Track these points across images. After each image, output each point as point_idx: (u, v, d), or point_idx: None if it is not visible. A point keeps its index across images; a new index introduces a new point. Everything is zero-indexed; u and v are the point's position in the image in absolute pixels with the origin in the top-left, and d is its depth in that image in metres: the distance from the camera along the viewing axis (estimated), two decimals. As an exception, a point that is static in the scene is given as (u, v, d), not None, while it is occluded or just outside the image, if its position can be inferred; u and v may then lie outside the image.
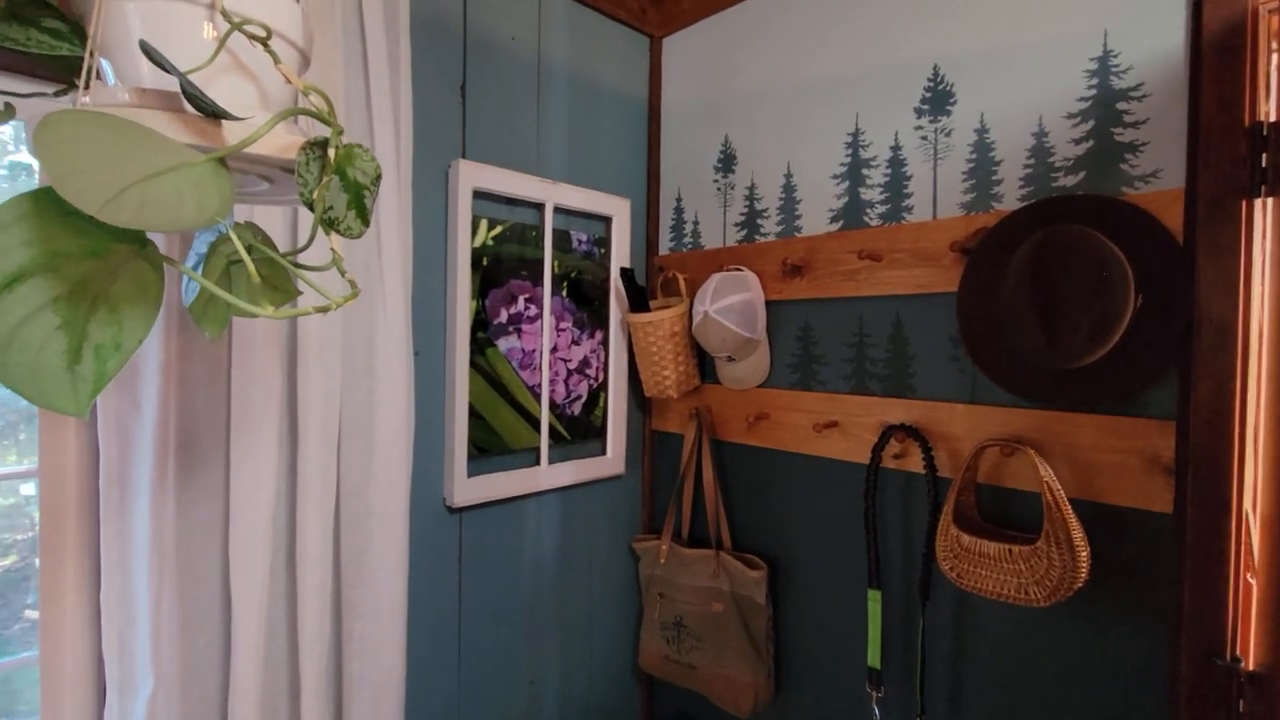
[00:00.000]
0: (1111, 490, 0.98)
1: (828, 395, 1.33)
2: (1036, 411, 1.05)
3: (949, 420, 1.15)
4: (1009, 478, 1.08)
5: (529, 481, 1.42)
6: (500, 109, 1.36)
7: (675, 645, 1.50)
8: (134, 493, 0.91)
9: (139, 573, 0.91)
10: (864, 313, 1.29)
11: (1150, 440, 0.94)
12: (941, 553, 1.07)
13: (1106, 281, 0.90)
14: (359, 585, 1.09)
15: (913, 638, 1.21)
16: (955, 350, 1.16)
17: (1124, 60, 0.97)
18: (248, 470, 0.96)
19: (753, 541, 1.48)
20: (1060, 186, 1.04)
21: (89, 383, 0.41)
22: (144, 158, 0.40)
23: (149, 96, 0.47)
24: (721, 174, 1.55)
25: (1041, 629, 1.06)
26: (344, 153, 0.52)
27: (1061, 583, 0.94)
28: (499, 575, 1.39)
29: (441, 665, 1.30)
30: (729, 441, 1.52)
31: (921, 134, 1.20)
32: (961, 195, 1.15)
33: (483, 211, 1.33)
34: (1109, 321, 0.91)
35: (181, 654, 0.94)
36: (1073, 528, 0.95)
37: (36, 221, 0.38)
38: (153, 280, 0.44)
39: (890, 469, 1.23)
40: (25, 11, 0.51)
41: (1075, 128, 1.02)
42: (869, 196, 1.28)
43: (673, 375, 1.50)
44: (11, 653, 1.06)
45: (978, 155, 1.13)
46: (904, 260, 1.21)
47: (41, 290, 0.38)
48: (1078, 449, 1.01)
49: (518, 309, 1.39)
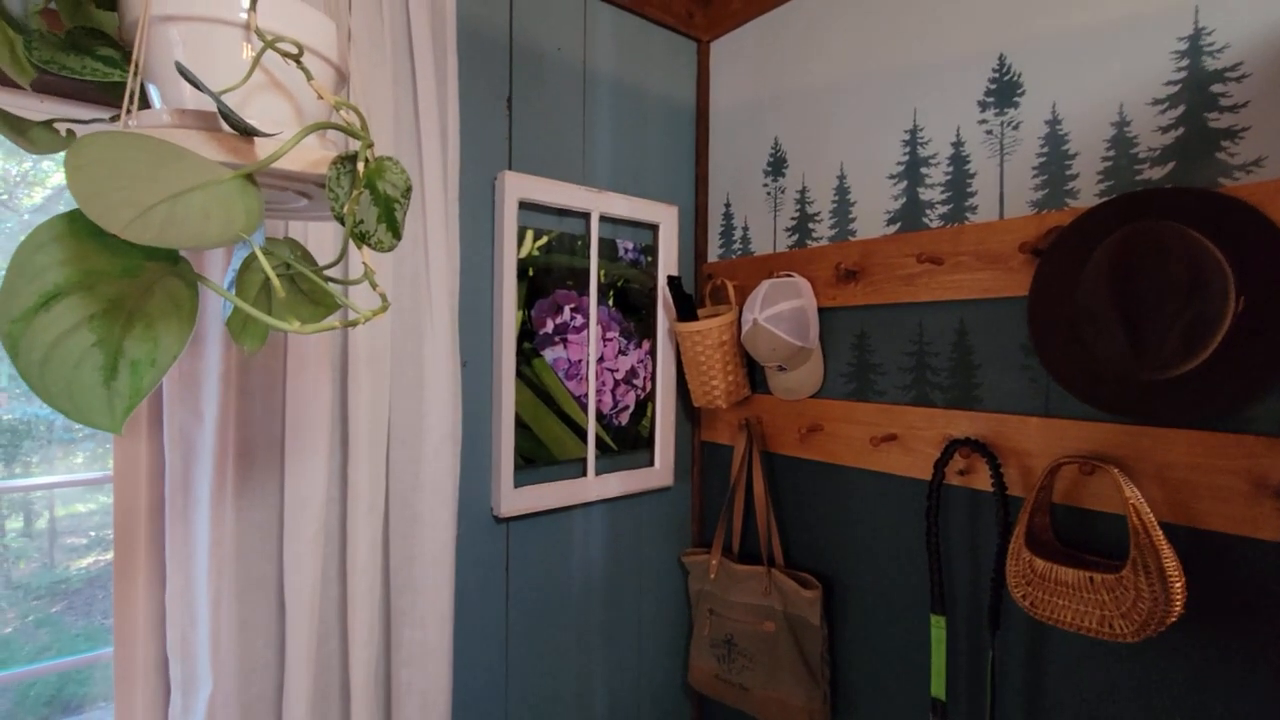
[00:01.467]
0: (1210, 515, 0.88)
1: (886, 407, 1.26)
2: (1120, 426, 0.96)
3: (1020, 434, 1.07)
4: (1089, 498, 0.99)
5: (576, 492, 1.40)
6: (546, 119, 1.36)
7: (726, 664, 1.46)
8: (196, 499, 0.94)
9: (200, 576, 0.94)
10: (924, 319, 1.21)
11: (1256, 459, 0.84)
12: (1013, 578, 0.99)
13: (1201, 283, 0.81)
14: (407, 592, 1.10)
15: (981, 669, 1.12)
16: (1027, 359, 1.08)
17: (1219, 38, 0.88)
18: (301, 478, 0.99)
19: (806, 559, 1.42)
20: (1145, 180, 0.95)
21: (124, 398, 0.42)
22: (172, 176, 0.40)
23: (188, 117, 0.48)
24: (771, 178, 1.50)
25: (1128, 667, 0.96)
26: (374, 166, 0.52)
27: (1152, 616, 0.85)
28: (546, 586, 1.38)
29: (488, 675, 1.30)
30: (781, 454, 1.47)
31: (986, 128, 1.13)
32: (1031, 193, 1.07)
33: (529, 222, 1.33)
34: (1205, 327, 0.82)
35: (239, 656, 0.97)
36: (1164, 555, 0.85)
37: (71, 241, 0.39)
38: (186, 296, 0.44)
39: (955, 486, 1.16)
40: (82, 41, 0.53)
41: (1162, 114, 0.93)
42: (928, 196, 1.21)
43: (721, 385, 1.46)
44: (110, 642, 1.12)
45: (1049, 149, 1.05)
46: (968, 263, 1.14)
47: (77, 308, 0.39)
48: (1169, 468, 0.92)
49: (564, 319, 1.38)
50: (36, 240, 0.37)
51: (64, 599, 1.62)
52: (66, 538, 1.69)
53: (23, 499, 1.66)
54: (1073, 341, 0.96)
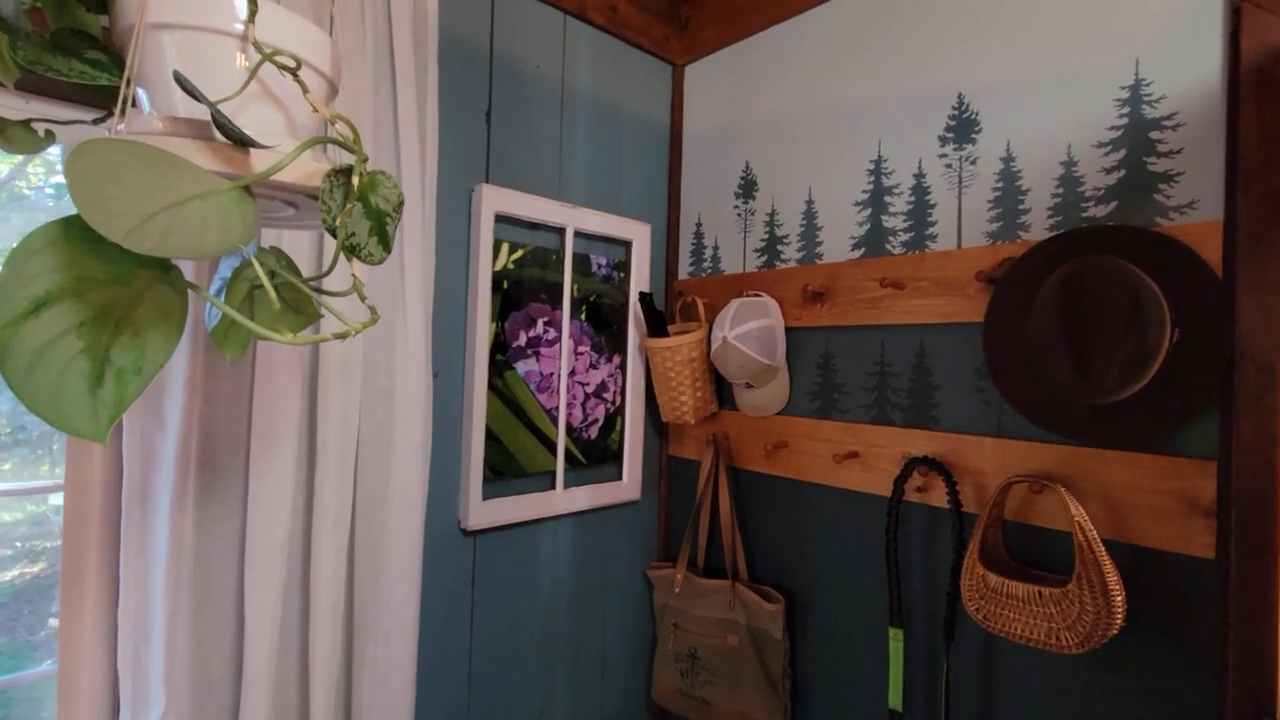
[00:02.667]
0: (1147, 532, 0.94)
1: (848, 425, 1.30)
2: (1067, 447, 1.02)
3: (975, 454, 1.12)
4: (1038, 516, 1.05)
5: (544, 505, 1.40)
6: (523, 134, 1.38)
7: (689, 679, 1.47)
8: (155, 509, 0.91)
9: (156, 589, 0.91)
10: (886, 341, 1.26)
11: (1189, 481, 0.91)
12: (967, 592, 1.03)
13: (1141, 315, 0.88)
14: (372, 607, 1.08)
15: (937, 680, 1.16)
16: (981, 382, 1.13)
17: (1156, 89, 0.95)
18: (266, 488, 0.97)
19: (770, 573, 1.45)
20: (1090, 217, 1.02)
21: (109, 407, 0.41)
22: (171, 185, 0.40)
23: (181, 125, 0.48)
24: (742, 200, 1.55)
25: (1074, 677, 1.01)
26: (367, 180, 0.53)
27: (1095, 629, 0.90)
28: (512, 600, 1.37)
29: (451, 691, 1.28)
30: (746, 469, 1.50)
31: (945, 162, 1.19)
32: (987, 224, 1.13)
33: (504, 235, 1.34)
34: (1144, 356, 0.88)
35: (193, 672, 0.94)
36: (1107, 570, 0.91)
37: (64, 247, 0.38)
38: (175, 305, 0.44)
39: (913, 502, 1.20)
40: (69, 42, 0.52)
41: (1106, 157, 1.00)
42: (891, 224, 1.26)
43: (690, 401, 1.49)
44: (36, 660, 1.07)
45: (1004, 184, 1.11)
46: (927, 289, 1.19)
47: (66, 315, 0.39)
48: (1111, 488, 0.97)
49: (537, 332, 1.39)
50: (30, 246, 0.37)
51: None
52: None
53: None
54: (1024, 366, 1.02)
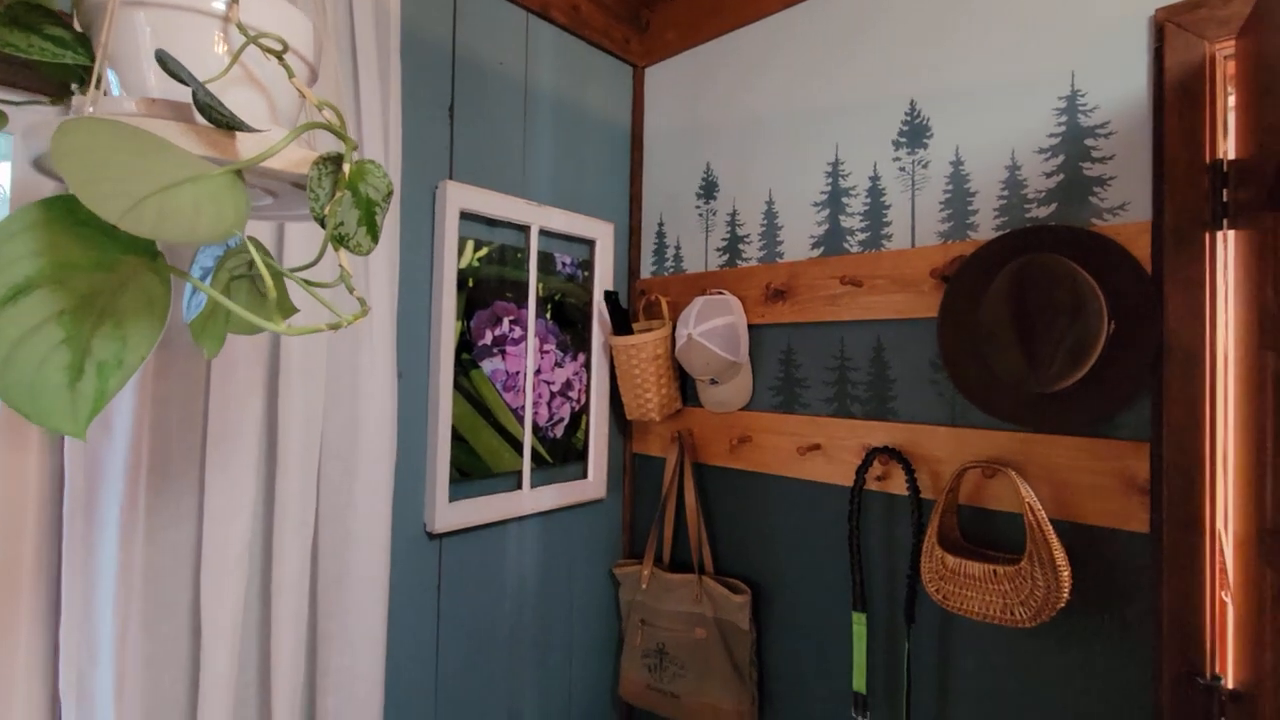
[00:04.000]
0: (1090, 511, 1.01)
1: (810, 418, 1.35)
2: (1016, 434, 1.08)
3: (931, 443, 1.18)
4: (991, 499, 1.11)
5: (511, 506, 1.39)
6: (487, 131, 1.36)
7: (657, 674, 1.48)
8: (101, 522, 0.86)
9: (103, 607, 0.85)
10: (845, 337, 1.31)
11: (1126, 461, 0.98)
12: (927, 574, 1.08)
13: (1081, 308, 0.94)
14: (337, 615, 1.05)
15: (898, 661, 1.21)
16: (935, 374, 1.19)
17: (1091, 99, 1.03)
18: (223, 494, 0.92)
19: (736, 565, 1.48)
20: (1033, 217, 1.08)
21: (89, 401, 0.39)
22: (160, 168, 0.38)
23: (159, 106, 0.46)
24: (703, 200, 1.57)
25: (1027, 650, 1.08)
26: (356, 168, 0.52)
27: (1046, 603, 0.96)
28: (478, 603, 1.35)
29: (418, 695, 1.25)
30: (711, 465, 1.52)
31: (900, 165, 1.25)
32: (939, 224, 1.19)
33: (469, 233, 1.32)
34: (1084, 347, 0.94)
35: (145, 693, 0.89)
36: (1054, 548, 0.97)
37: (45, 231, 0.36)
38: (160, 294, 0.42)
39: (873, 491, 1.25)
40: (26, 18, 0.49)
41: (1046, 162, 1.07)
42: (849, 224, 1.31)
43: (655, 398, 1.50)
44: None
45: (954, 187, 1.18)
46: (884, 286, 1.24)
47: (47, 303, 0.37)
48: (1057, 470, 1.04)
49: (502, 330, 1.37)
50: (8, 229, 0.34)
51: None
52: None
53: None
54: (975, 358, 1.08)
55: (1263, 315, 0.72)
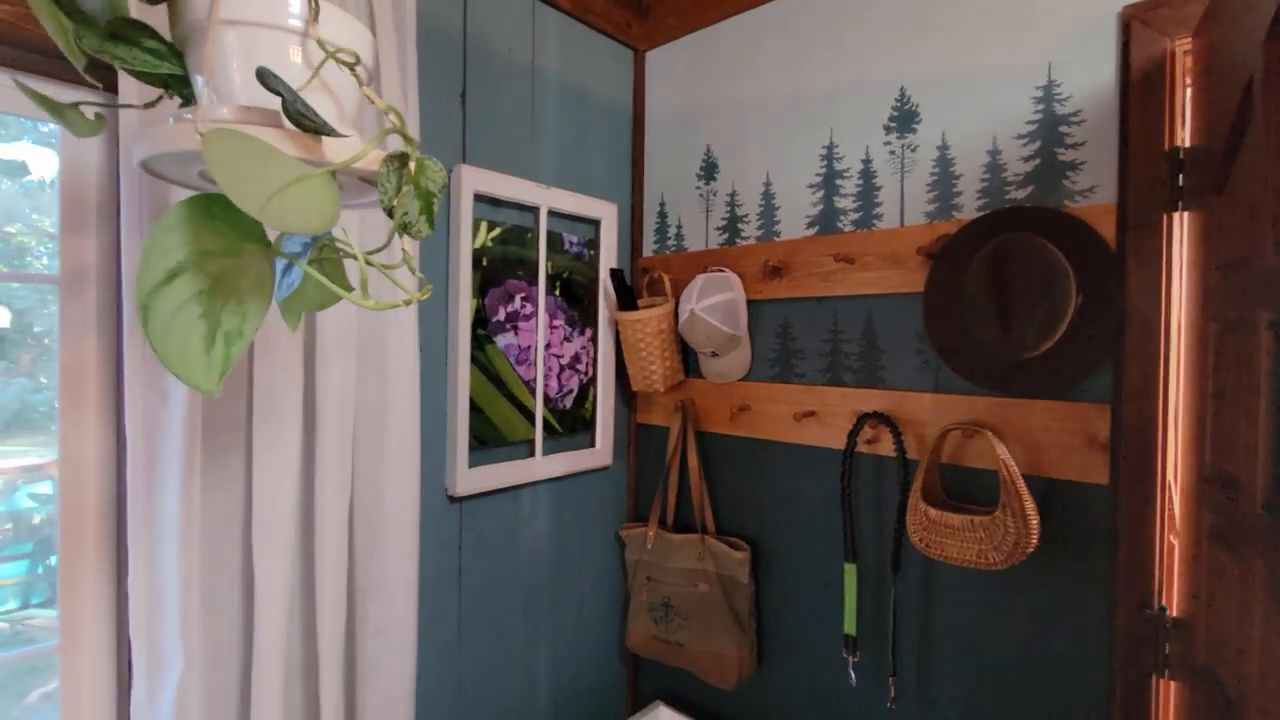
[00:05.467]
0: (1058, 466, 1.12)
1: (806, 387, 1.44)
2: (993, 399, 1.18)
3: (916, 408, 1.28)
4: (970, 458, 1.21)
5: (524, 472, 1.48)
6: (498, 116, 1.43)
7: (663, 625, 1.59)
8: (162, 481, 0.94)
9: (168, 559, 0.94)
10: (839, 311, 1.40)
11: (1090, 422, 1.08)
12: (911, 526, 1.19)
13: (1053, 283, 1.03)
14: (372, 570, 1.14)
15: (885, 606, 1.33)
16: (921, 345, 1.28)
17: (1065, 89, 1.11)
18: (269, 459, 1.01)
19: (736, 525, 1.59)
20: (1012, 199, 1.17)
21: (219, 364, 0.47)
22: (278, 171, 0.46)
23: (254, 114, 0.54)
24: (704, 181, 1.65)
25: (1000, 591, 1.19)
26: (418, 165, 0.59)
27: (1016, 548, 1.07)
28: (496, 562, 1.45)
29: (441, 647, 1.35)
30: (712, 432, 1.62)
31: (890, 149, 1.33)
32: (926, 205, 1.28)
33: (483, 214, 1.39)
34: (1055, 318, 1.04)
35: (205, 639, 0.98)
36: (1025, 500, 1.07)
37: (190, 224, 0.44)
38: (269, 276, 0.50)
39: (864, 453, 1.35)
40: (126, 32, 0.56)
41: (1024, 147, 1.16)
42: (842, 205, 1.40)
43: (659, 370, 1.59)
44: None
45: (940, 170, 1.26)
46: (875, 263, 1.33)
47: (191, 284, 0.45)
48: (1029, 431, 1.14)
49: (514, 307, 1.45)
50: (167, 223, 0.42)
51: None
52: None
53: None
54: (957, 329, 1.17)
55: (1206, 289, 0.82)
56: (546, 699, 1.58)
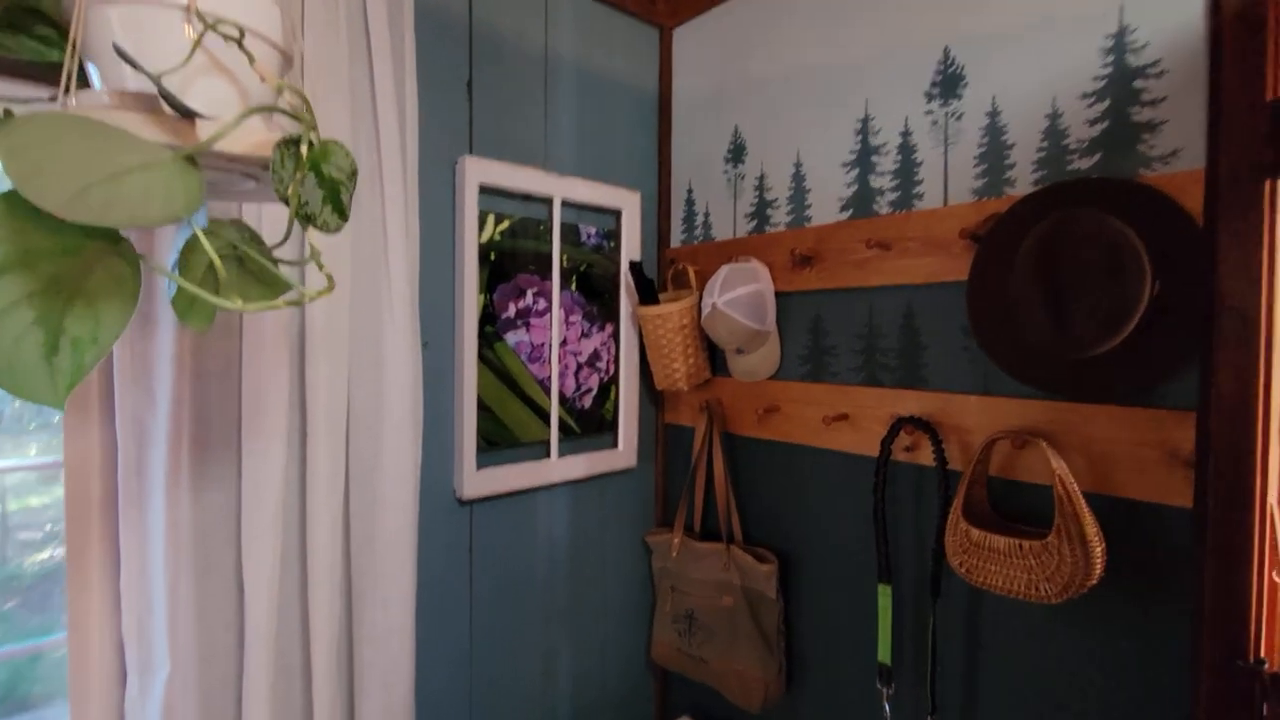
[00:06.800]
0: (1128, 484, 0.94)
1: (839, 387, 1.31)
2: (1050, 403, 1.02)
3: (961, 412, 1.12)
4: (1021, 471, 1.05)
5: (539, 474, 1.43)
6: (507, 104, 1.37)
7: (687, 638, 1.50)
8: (150, 484, 0.94)
9: (156, 561, 0.94)
10: (874, 303, 1.26)
11: (1169, 432, 0.90)
12: (951, 548, 1.04)
13: (1120, 268, 0.87)
14: (368, 573, 1.12)
15: (924, 634, 1.18)
16: (967, 340, 1.13)
17: (1140, 36, 0.93)
18: (259, 460, 0.99)
19: (764, 534, 1.47)
20: (1075, 170, 1.00)
21: (66, 375, 0.43)
22: (111, 157, 0.41)
23: (128, 99, 0.49)
24: (732, 164, 1.53)
25: (1057, 627, 1.03)
26: (319, 149, 0.53)
27: (1073, 579, 0.91)
28: (510, 566, 1.41)
29: (452, 653, 1.32)
30: (740, 434, 1.51)
31: (932, 119, 1.17)
32: (973, 181, 1.12)
33: (490, 206, 1.34)
34: (1123, 309, 0.87)
35: (197, 639, 0.98)
36: (1086, 522, 0.91)
37: (9, 220, 0.39)
38: (128, 276, 0.45)
39: (901, 462, 1.21)
40: (19, 19, 0.52)
41: (1090, 108, 0.98)
42: (879, 184, 1.25)
43: (683, 368, 1.49)
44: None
45: (989, 139, 1.10)
46: (914, 249, 1.18)
47: (15, 286, 0.40)
48: (1093, 441, 0.98)
49: (526, 303, 1.39)
50: (-27, 220, 0.38)
51: (18, 595, 1.60)
52: (20, 532, 1.65)
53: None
54: (1006, 323, 1.02)
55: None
56: (568, 710, 1.53)
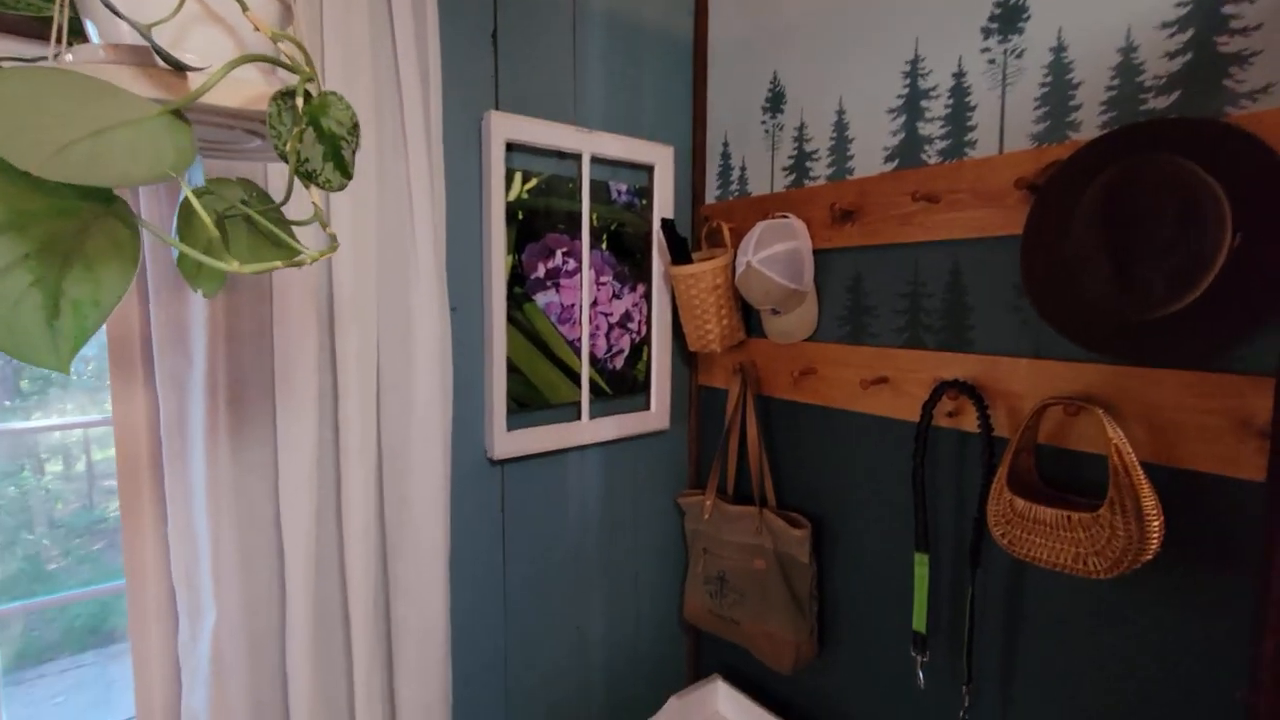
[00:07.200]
0: (1194, 455, 0.87)
1: (879, 350, 1.25)
2: (1109, 367, 0.94)
3: (1010, 376, 1.06)
4: (1074, 439, 0.99)
5: (570, 435, 1.43)
6: (534, 57, 1.32)
7: (718, 599, 1.51)
8: (191, 442, 0.98)
9: (199, 513, 0.98)
10: (919, 260, 1.19)
11: (1243, 399, 0.83)
12: (993, 517, 1.00)
13: (1196, 218, 0.78)
14: (401, 532, 1.14)
15: (961, 604, 1.15)
16: (1019, 300, 1.05)
17: (1236, -50, 0.81)
18: (292, 421, 1.01)
19: (797, 499, 1.44)
20: (1149, 110, 0.90)
21: (69, 339, 0.43)
22: (97, 112, 0.40)
23: (122, 52, 0.47)
24: (770, 114, 1.45)
25: (1106, 604, 0.98)
26: (317, 102, 0.51)
27: (1125, 554, 0.85)
28: (542, 525, 1.42)
29: (487, 609, 1.35)
30: (774, 397, 1.47)
31: (989, 57, 1.07)
32: (1032, 125, 1.02)
33: (517, 164, 1.31)
34: (1197, 265, 0.79)
35: (242, 589, 1.02)
36: (1143, 495, 0.85)
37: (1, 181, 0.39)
38: (127, 238, 0.45)
39: (944, 428, 1.15)
40: (16, -26, 0.51)
41: (1170, 39, 0.88)
42: (927, 131, 1.16)
43: (716, 329, 1.46)
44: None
45: (1053, 78, 1.00)
46: (964, 201, 1.10)
47: (9, 248, 0.40)
48: (1155, 408, 0.90)
49: (555, 263, 1.37)
50: (-39, 179, 0.38)
51: (104, 537, 1.71)
52: (105, 480, 1.76)
53: (61, 443, 1.72)
54: (1063, 280, 0.94)
55: None
56: (601, 664, 1.56)
